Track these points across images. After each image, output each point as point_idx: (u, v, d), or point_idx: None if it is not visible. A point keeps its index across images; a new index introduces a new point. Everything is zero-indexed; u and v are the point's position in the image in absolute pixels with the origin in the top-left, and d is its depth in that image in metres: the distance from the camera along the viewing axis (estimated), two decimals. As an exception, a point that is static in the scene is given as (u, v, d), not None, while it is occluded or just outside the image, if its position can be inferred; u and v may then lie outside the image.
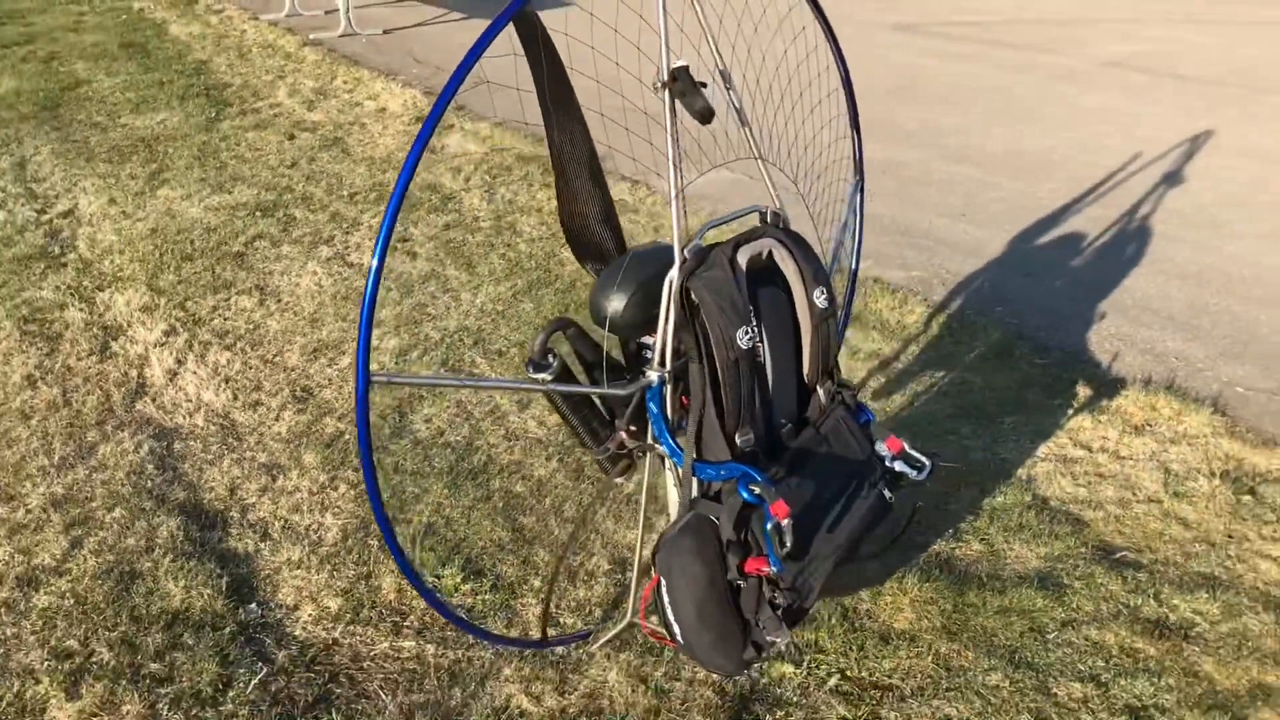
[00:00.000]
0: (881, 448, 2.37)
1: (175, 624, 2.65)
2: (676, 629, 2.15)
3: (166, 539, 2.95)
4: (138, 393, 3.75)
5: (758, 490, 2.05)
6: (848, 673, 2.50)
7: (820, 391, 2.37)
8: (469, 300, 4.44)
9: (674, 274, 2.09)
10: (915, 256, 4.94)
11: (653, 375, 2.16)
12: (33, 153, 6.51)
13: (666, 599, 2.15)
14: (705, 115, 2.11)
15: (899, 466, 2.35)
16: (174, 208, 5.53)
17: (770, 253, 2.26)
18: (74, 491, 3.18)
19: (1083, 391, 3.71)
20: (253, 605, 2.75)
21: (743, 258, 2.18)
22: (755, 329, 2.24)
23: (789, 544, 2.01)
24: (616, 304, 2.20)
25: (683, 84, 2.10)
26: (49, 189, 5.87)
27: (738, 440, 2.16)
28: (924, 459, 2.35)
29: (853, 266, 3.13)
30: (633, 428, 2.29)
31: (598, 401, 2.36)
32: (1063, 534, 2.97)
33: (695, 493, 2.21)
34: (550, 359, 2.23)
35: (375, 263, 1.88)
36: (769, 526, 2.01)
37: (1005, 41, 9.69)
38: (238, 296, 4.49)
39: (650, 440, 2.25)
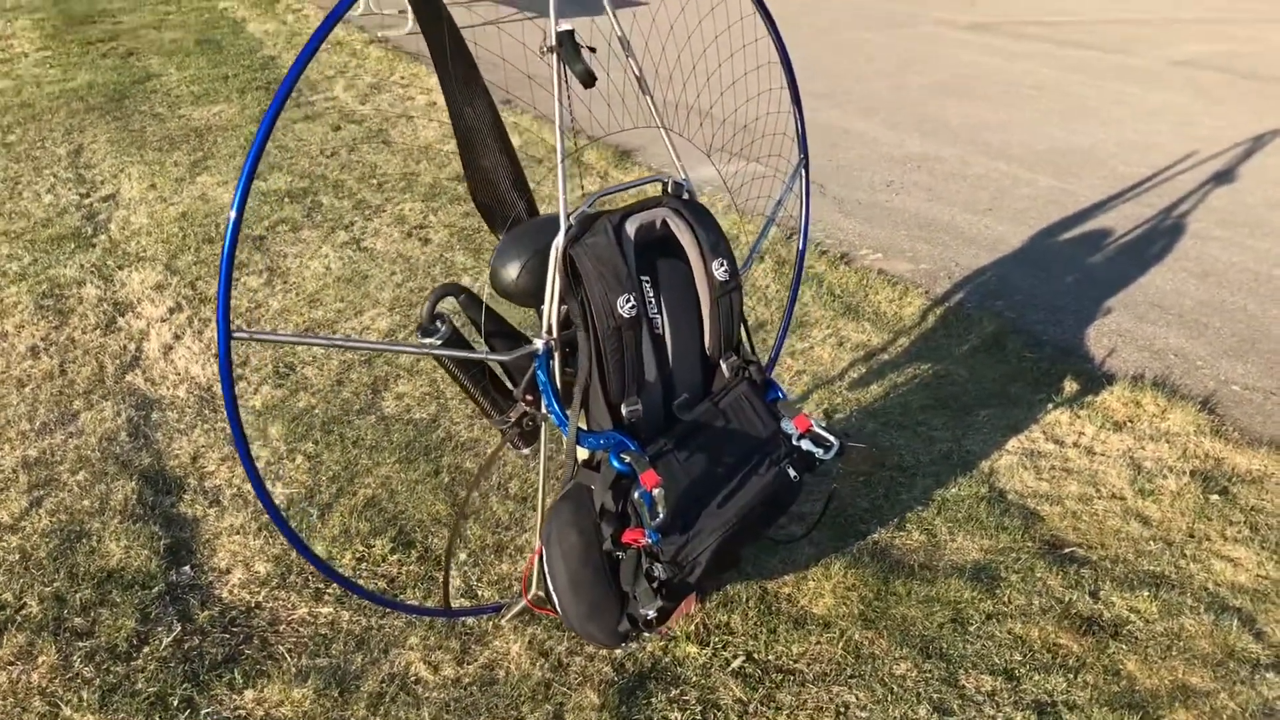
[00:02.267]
0: (788, 425, 2.32)
1: (107, 582, 2.71)
2: (555, 599, 2.14)
3: (120, 502, 3.02)
4: (130, 365, 3.85)
5: (629, 459, 2.03)
6: (754, 655, 2.44)
7: (723, 365, 2.33)
8: (469, 285, 4.47)
9: (559, 240, 2.08)
10: (927, 250, 4.82)
11: (538, 343, 2.15)
12: (90, 140, 6.75)
13: (547, 568, 2.14)
14: (587, 79, 2.10)
15: (806, 445, 2.30)
16: (208, 193, 5.68)
17: (664, 222, 2.23)
18: (46, 455, 3.28)
19: (1069, 386, 3.57)
20: (186, 567, 2.80)
21: (631, 226, 2.15)
22: (650, 299, 2.21)
23: (661, 514, 1.98)
24: (511, 271, 2.20)
25: (566, 48, 2.10)
26: (97, 174, 6.07)
27: (624, 410, 2.14)
28: (832, 438, 2.28)
29: (799, 247, 3.06)
30: (529, 397, 2.28)
31: (498, 371, 2.35)
32: (1012, 527, 2.86)
33: (581, 462, 2.20)
34: (439, 324, 2.24)
35: (234, 214, 1.90)
36: (636, 495, 1.99)
37: (1075, 41, 9.42)
38: (248, 277, 4.59)
39: (544, 410, 2.24)
